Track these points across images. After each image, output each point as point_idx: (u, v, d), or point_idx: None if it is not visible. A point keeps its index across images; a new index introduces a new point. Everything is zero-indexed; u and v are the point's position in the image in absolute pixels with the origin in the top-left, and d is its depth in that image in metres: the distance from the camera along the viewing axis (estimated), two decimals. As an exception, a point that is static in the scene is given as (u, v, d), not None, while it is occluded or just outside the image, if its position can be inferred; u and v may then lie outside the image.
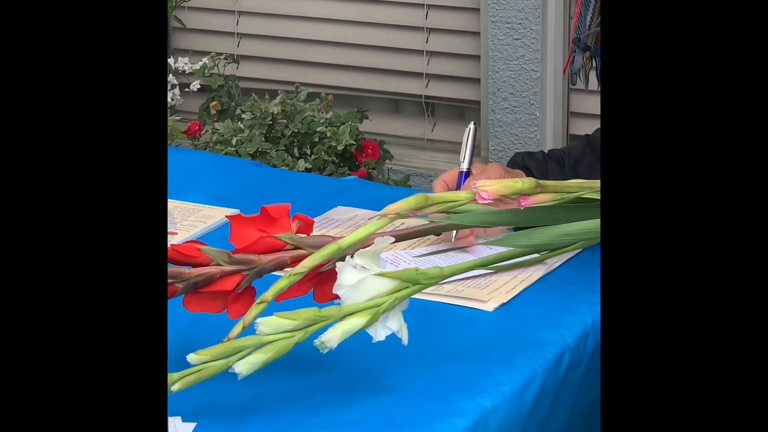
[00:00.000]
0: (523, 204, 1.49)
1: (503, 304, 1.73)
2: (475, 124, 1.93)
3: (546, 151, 2.01)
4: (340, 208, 2.01)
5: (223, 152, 3.35)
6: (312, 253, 1.47)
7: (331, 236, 1.54)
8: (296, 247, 1.51)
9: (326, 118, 3.51)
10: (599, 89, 1.96)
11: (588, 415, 1.71)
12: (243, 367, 1.39)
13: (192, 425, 1.44)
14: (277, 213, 1.53)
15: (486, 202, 1.46)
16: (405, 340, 1.47)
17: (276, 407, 1.50)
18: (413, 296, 1.53)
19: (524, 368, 1.58)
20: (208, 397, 1.48)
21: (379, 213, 1.48)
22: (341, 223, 1.91)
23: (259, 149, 3.38)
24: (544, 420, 1.59)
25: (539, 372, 1.58)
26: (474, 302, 1.72)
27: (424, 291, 1.65)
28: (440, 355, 1.61)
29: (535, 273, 1.81)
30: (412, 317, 1.50)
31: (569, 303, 1.74)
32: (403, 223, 1.60)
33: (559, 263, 1.84)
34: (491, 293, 1.74)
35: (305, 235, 1.53)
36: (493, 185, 1.46)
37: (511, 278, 1.79)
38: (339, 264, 1.45)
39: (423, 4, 3.81)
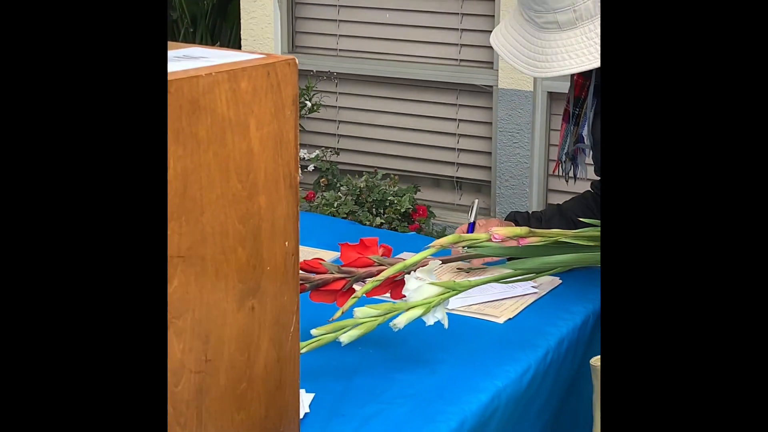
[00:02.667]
0: (521, 243, 1.54)
1: (510, 319, 1.72)
2: (477, 200, 1.97)
3: (530, 212, 2.03)
4: (405, 253, 2.02)
5: (328, 212, 3.40)
6: (389, 268, 1.54)
7: (401, 258, 1.60)
8: (380, 264, 1.57)
9: (394, 191, 3.56)
10: (567, 177, 2.01)
11: (564, 392, 1.71)
12: (345, 338, 1.44)
13: (311, 396, 1.44)
14: (370, 243, 1.60)
15: (497, 241, 1.52)
16: (446, 325, 1.50)
17: (368, 370, 1.53)
18: (454, 312, 1.58)
19: (522, 361, 1.59)
20: (324, 362, 1.51)
21: (430, 244, 1.54)
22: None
23: (351, 210, 3.42)
24: (534, 394, 1.60)
25: (532, 364, 1.59)
26: (491, 317, 1.73)
27: (459, 308, 1.71)
28: (469, 351, 1.61)
29: (530, 298, 1.80)
30: (452, 325, 1.52)
31: (552, 319, 1.73)
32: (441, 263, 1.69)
33: (545, 293, 1.82)
34: (502, 311, 1.74)
35: (386, 257, 1.59)
36: (503, 231, 1.52)
37: (515, 302, 1.78)
38: (406, 276, 1.50)
39: (455, 119, 3.88)
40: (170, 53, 1.21)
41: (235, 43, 3.98)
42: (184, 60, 1.17)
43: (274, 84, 1.18)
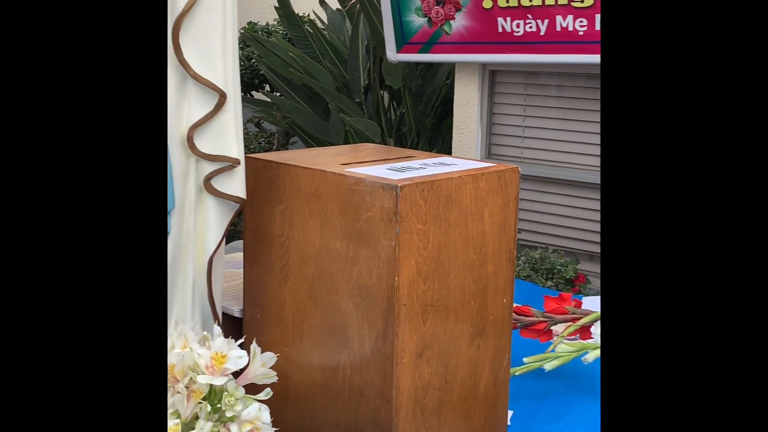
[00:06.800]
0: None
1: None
2: None
3: None
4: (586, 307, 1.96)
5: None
6: (581, 317, 1.51)
7: (590, 310, 1.55)
8: (573, 314, 1.55)
9: (560, 262, 3.46)
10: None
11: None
12: (549, 366, 1.42)
13: (511, 412, 1.39)
14: (566, 297, 1.59)
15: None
16: None
17: (553, 397, 1.46)
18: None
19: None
20: (521, 387, 1.47)
21: None
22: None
23: (528, 275, 3.33)
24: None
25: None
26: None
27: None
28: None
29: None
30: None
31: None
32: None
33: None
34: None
35: (578, 308, 1.57)
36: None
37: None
38: (595, 323, 1.48)
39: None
40: (429, 160, 1.25)
41: (445, 151, 4.03)
42: (441, 166, 1.20)
43: (503, 185, 1.20)
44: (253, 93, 3.80)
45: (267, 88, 3.76)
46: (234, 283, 1.40)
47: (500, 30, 3.32)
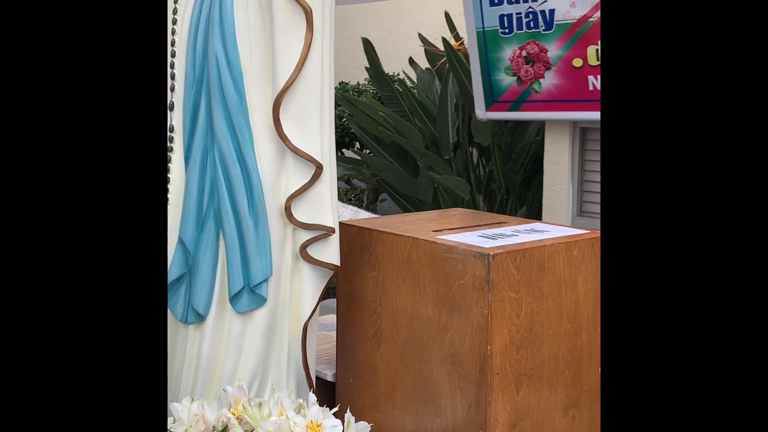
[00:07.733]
0: None
1: None
2: None
3: None
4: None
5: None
6: None
7: None
8: None
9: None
10: None
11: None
12: None
13: None
14: None
15: None
16: None
17: None
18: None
19: None
20: None
21: None
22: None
23: None
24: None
25: None
26: None
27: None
28: None
29: None
30: None
31: None
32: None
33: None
34: None
35: None
36: None
37: None
38: None
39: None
40: (520, 227, 1.26)
41: (535, 207, 4.00)
42: (532, 233, 1.21)
43: (597, 252, 1.19)
44: (344, 151, 3.89)
45: (357, 146, 3.84)
46: (326, 346, 1.42)
47: (591, 88, 3.31)
